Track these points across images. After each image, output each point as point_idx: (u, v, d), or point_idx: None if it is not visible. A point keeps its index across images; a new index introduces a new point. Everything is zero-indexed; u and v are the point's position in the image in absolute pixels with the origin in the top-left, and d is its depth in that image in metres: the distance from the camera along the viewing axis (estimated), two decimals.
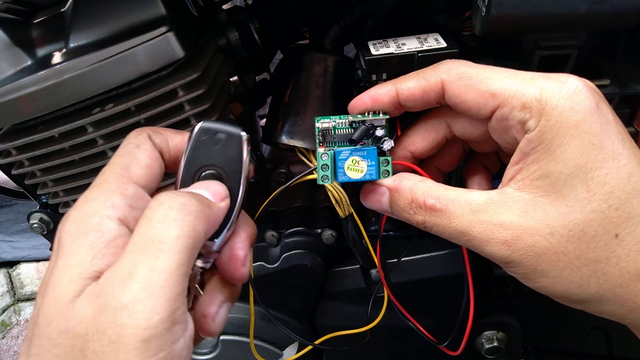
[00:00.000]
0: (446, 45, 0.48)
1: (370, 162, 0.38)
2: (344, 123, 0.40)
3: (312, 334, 0.73)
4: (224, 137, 0.34)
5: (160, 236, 0.27)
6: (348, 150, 0.38)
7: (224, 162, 0.34)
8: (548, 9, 0.40)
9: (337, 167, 0.38)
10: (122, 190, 0.31)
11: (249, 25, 0.59)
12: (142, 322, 0.25)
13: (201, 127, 0.34)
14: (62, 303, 0.27)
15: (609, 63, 0.48)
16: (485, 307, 0.74)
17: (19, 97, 0.45)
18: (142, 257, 0.26)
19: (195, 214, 0.29)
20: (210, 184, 0.34)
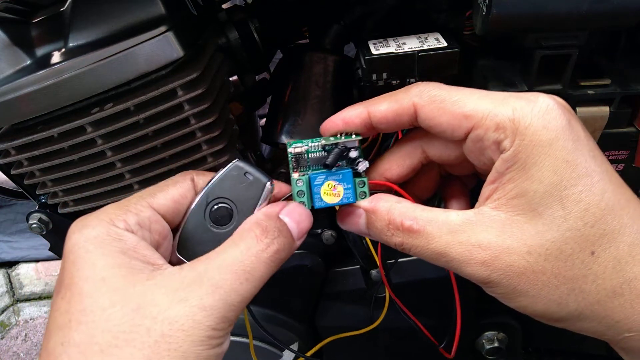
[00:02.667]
0: (446, 44, 0.48)
1: (347, 186, 0.38)
2: (316, 146, 0.39)
3: (312, 334, 0.73)
4: (250, 179, 0.36)
5: (252, 269, 0.31)
6: (323, 174, 0.38)
7: (238, 201, 0.36)
8: (549, 8, 0.40)
9: (313, 193, 0.38)
10: (137, 210, 0.32)
11: (248, 24, 0.59)
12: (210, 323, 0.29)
13: (236, 164, 0.36)
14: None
15: (609, 63, 0.48)
16: (485, 308, 0.74)
17: (18, 96, 0.45)
18: (230, 276, 0.30)
19: (279, 261, 0.33)
20: (301, 211, 0.36)
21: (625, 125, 0.49)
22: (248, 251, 0.31)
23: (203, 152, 0.52)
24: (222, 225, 0.35)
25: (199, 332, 0.28)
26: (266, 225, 0.33)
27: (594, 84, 0.46)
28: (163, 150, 0.51)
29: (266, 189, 0.36)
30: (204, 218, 0.35)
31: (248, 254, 0.31)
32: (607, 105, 0.47)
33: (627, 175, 0.52)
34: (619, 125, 0.49)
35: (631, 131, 0.49)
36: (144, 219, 0.32)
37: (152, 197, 0.34)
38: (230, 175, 0.36)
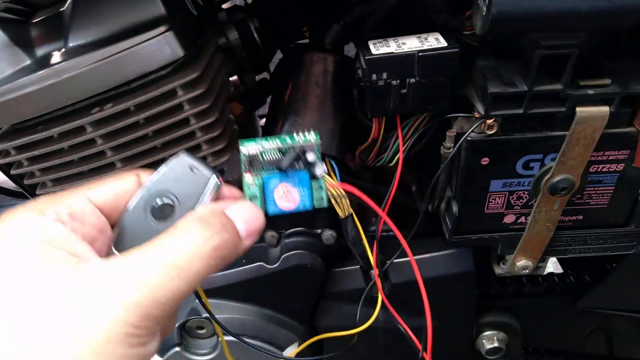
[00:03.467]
0: (446, 44, 0.48)
1: (303, 191, 0.36)
2: (272, 148, 0.36)
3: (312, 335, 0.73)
4: (196, 173, 0.34)
5: (185, 264, 0.28)
6: (277, 178, 0.35)
7: (182, 195, 0.33)
8: (548, 8, 0.39)
9: (267, 198, 0.35)
10: (70, 202, 0.31)
11: (248, 24, 0.59)
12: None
13: (181, 157, 0.34)
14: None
15: (609, 63, 0.48)
16: (485, 307, 0.74)
17: (18, 96, 0.45)
18: (159, 270, 0.27)
19: (220, 259, 0.30)
20: (251, 210, 0.33)
21: (625, 125, 0.49)
22: (183, 244, 0.29)
23: (203, 152, 0.52)
24: (164, 220, 0.33)
25: (117, 329, 0.25)
26: (208, 219, 0.31)
27: (594, 84, 0.46)
28: (163, 150, 0.51)
29: (211, 184, 0.34)
30: (144, 213, 0.33)
31: (183, 247, 0.29)
32: (607, 105, 0.46)
33: (627, 175, 0.52)
34: (619, 125, 0.49)
35: (631, 131, 0.49)
36: (77, 210, 0.31)
37: (89, 189, 0.32)
38: (174, 168, 0.34)
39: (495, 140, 0.50)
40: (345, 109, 0.60)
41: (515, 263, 0.60)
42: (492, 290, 0.75)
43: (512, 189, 0.54)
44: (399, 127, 0.55)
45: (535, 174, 0.52)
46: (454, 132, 0.51)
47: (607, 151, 0.50)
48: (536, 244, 0.57)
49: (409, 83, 0.49)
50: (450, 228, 0.58)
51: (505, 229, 0.58)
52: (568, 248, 0.59)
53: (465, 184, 0.53)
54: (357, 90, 0.55)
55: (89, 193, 0.32)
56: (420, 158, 0.61)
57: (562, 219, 0.56)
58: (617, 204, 0.55)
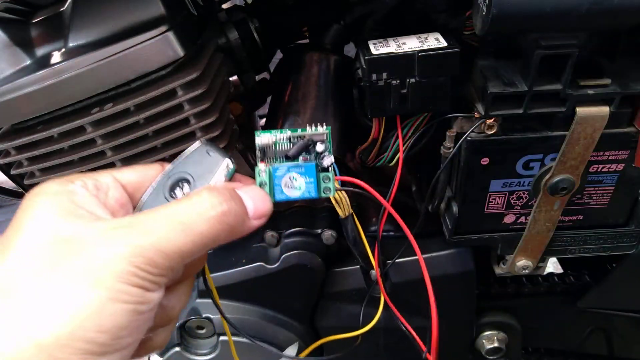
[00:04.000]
0: (446, 44, 0.48)
1: (309, 179, 0.37)
2: (284, 138, 0.38)
3: (312, 335, 0.73)
4: (212, 156, 0.36)
5: (191, 223, 0.30)
6: (285, 166, 0.37)
7: (197, 176, 0.36)
8: (548, 8, 0.39)
9: (274, 185, 0.37)
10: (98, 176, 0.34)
11: (248, 24, 0.59)
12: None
13: (200, 143, 0.37)
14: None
15: (609, 63, 0.48)
16: (485, 307, 0.74)
17: (18, 96, 0.45)
18: (164, 224, 0.30)
19: (226, 226, 0.31)
20: (259, 193, 0.35)
21: (625, 125, 0.49)
22: (191, 206, 0.31)
23: None
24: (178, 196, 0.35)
25: (121, 265, 0.28)
26: (217, 189, 0.33)
27: (594, 84, 0.46)
28: (163, 150, 0.51)
29: (224, 165, 0.36)
30: (162, 192, 0.35)
31: (190, 208, 0.31)
32: (607, 105, 0.47)
33: (627, 175, 0.52)
34: (619, 125, 0.49)
35: (631, 131, 0.49)
36: (103, 183, 0.34)
37: (117, 170, 0.36)
38: (193, 153, 0.36)
39: (495, 140, 0.50)
40: (345, 109, 0.60)
41: (515, 263, 0.60)
42: (492, 290, 0.75)
43: (512, 189, 0.54)
44: (399, 127, 0.55)
45: (535, 174, 0.52)
46: (454, 132, 0.51)
47: (607, 151, 0.50)
48: (536, 244, 0.57)
49: (409, 83, 0.49)
50: (450, 228, 0.58)
51: (505, 229, 0.58)
52: (568, 248, 0.59)
53: (465, 184, 0.53)
54: (357, 90, 0.55)
55: (116, 173, 0.35)
56: (420, 158, 0.61)
57: (562, 219, 0.56)
58: (617, 204, 0.55)
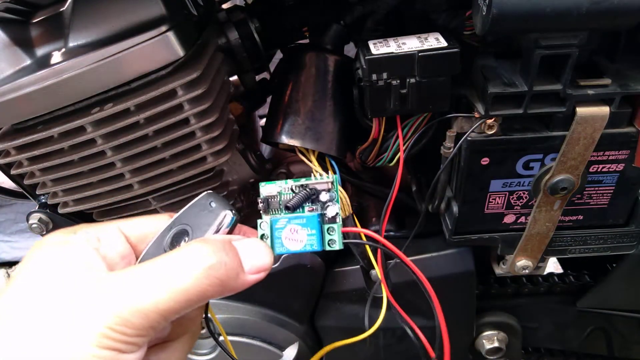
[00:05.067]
0: (447, 44, 0.48)
1: (311, 231, 0.34)
2: (287, 188, 0.36)
3: (312, 335, 0.73)
4: (213, 207, 0.35)
5: (174, 278, 0.29)
6: (285, 218, 0.35)
7: (196, 227, 0.35)
8: (548, 8, 0.40)
9: (274, 238, 0.35)
10: (102, 227, 0.34)
11: (248, 24, 0.59)
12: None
13: (204, 194, 0.36)
14: None
15: (609, 63, 0.48)
16: (485, 307, 0.74)
17: (18, 96, 0.45)
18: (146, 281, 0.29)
19: (215, 281, 0.30)
20: (258, 245, 0.34)
21: (625, 125, 0.49)
22: (176, 260, 0.30)
23: (203, 152, 0.52)
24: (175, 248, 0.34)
25: (93, 327, 0.27)
26: (209, 241, 0.31)
27: (594, 84, 0.46)
28: (163, 150, 0.51)
29: (224, 218, 0.35)
30: (162, 243, 0.35)
31: (175, 262, 0.30)
32: (607, 105, 0.47)
33: (627, 175, 0.52)
34: (619, 125, 0.49)
35: (631, 131, 0.49)
36: (106, 235, 0.33)
37: (123, 222, 0.35)
38: (196, 205, 0.36)
39: (495, 140, 0.50)
40: (345, 109, 0.60)
41: (515, 263, 0.60)
42: (492, 290, 0.75)
43: (512, 189, 0.54)
44: (399, 127, 0.55)
45: (535, 174, 0.52)
46: (454, 132, 0.51)
47: (607, 151, 0.50)
48: (536, 244, 0.57)
49: (409, 83, 0.49)
50: (450, 228, 0.58)
51: (505, 229, 0.58)
52: (568, 248, 0.59)
53: (465, 184, 0.53)
54: (357, 90, 0.55)
55: (121, 224, 0.35)
56: (421, 158, 0.61)
57: (562, 219, 0.56)
58: (617, 204, 0.55)
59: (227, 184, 0.62)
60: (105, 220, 0.59)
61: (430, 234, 0.65)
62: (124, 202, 0.56)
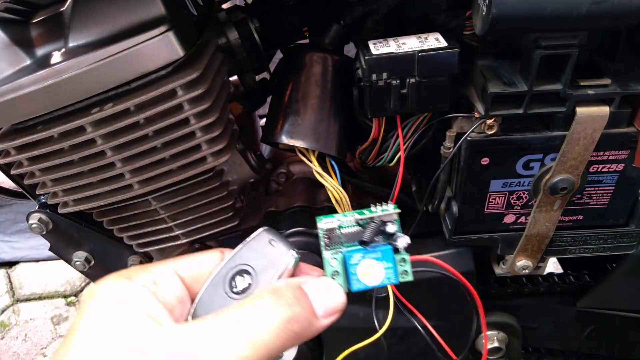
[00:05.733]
0: (447, 44, 0.48)
1: (387, 264, 0.34)
2: (349, 221, 0.35)
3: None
4: (275, 248, 0.34)
5: (252, 335, 0.28)
6: (360, 252, 0.34)
7: (260, 270, 0.33)
8: (548, 8, 0.40)
9: (349, 274, 0.34)
10: (157, 270, 0.33)
11: (248, 24, 0.59)
12: None
13: (262, 232, 0.35)
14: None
15: (609, 63, 0.48)
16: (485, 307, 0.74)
17: (18, 96, 0.45)
18: (226, 341, 0.28)
19: (292, 333, 0.29)
20: (329, 286, 0.33)
21: (625, 125, 0.49)
22: (252, 315, 0.29)
23: (203, 152, 0.52)
24: (241, 293, 0.33)
25: None
26: (281, 292, 0.30)
27: (594, 84, 0.46)
28: (163, 150, 0.51)
29: (288, 258, 0.34)
30: (221, 285, 0.33)
31: (252, 318, 0.29)
32: (607, 105, 0.47)
33: (627, 175, 0.52)
34: (619, 125, 0.49)
35: (631, 131, 0.49)
36: (161, 279, 0.32)
37: (176, 262, 0.34)
38: (255, 243, 0.34)
39: (495, 140, 0.50)
40: (345, 109, 0.60)
41: (515, 263, 0.60)
42: (492, 290, 0.75)
43: (512, 189, 0.54)
44: (399, 127, 0.55)
45: (535, 174, 0.52)
46: (454, 132, 0.51)
47: (607, 151, 0.50)
48: (536, 244, 0.57)
49: (409, 83, 0.49)
50: (450, 228, 0.58)
51: (505, 229, 0.58)
52: (568, 248, 0.59)
53: (465, 184, 0.53)
54: (357, 90, 0.55)
55: (175, 265, 0.34)
56: (421, 158, 0.61)
57: (562, 219, 0.56)
58: (617, 204, 0.55)
59: (227, 184, 0.62)
60: (106, 218, 0.59)
61: (430, 234, 0.65)
62: (124, 202, 0.56)
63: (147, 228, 0.60)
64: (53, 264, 1.88)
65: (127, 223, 0.59)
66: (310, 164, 0.60)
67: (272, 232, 0.35)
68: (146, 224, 0.60)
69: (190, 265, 0.34)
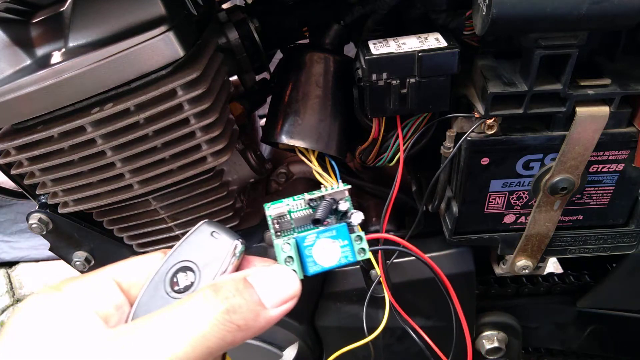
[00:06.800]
0: (447, 44, 0.48)
1: (343, 242, 0.32)
2: (299, 204, 0.34)
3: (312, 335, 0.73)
4: (217, 240, 0.32)
5: (189, 328, 0.27)
6: (313, 233, 0.32)
7: (203, 265, 0.32)
8: (548, 9, 0.39)
9: (304, 257, 0.32)
10: (91, 279, 0.32)
11: (248, 24, 0.59)
12: None
13: (203, 224, 0.33)
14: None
15: (609, 63, 0.48)
16: (485, 307, 0.74)
17: (18, 96, 0.45)
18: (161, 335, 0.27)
19: (235, 328, 0.28)
20: (279, 274, 0.31)
21: (625, 125, 0.49)
22: (190, 310, 0.28)
23: (203, 152, 0.52)
24: (183, 292, 0.31)
25: None
26: (221, 285, 0.29)
27: (594, 84, 0.46)
28: (163, 150, 0.51)
29: (231, 248, 0.32)
30: (163, 285, 0.32)
31: (189, 313, 0.28)
32: (607, 105, 0.47)
33: (627, 175, 0.52)
34: (619, 125, 0.49)
35: (631, 131, 0.49)
36: (94, 286, 0.31)
37: (113, 267, 0.33)
38: (195, 237, 0.32)
39: (495, 140, 0.50)
40: (345, 109, 0.60)
41: (515, 263, 0.60)
42: (492, 290, 0.75)
43: (512, 189, 0.54)
44: (399, 127, 0.55)
45: (535, 174, 0.52)
46: (454, 132, 0.51)
47: (607, 151, 0.50)
48: (536, 244, 0.57)
49: (409, 83, 0.49)
50: (450, 228, 0.58)
51: (505, 229, 0.58)
52: (568, 248, 0.59)
53: (465, 184, 0.53)
54: (357, 90, 0.55)
55: (112, 270, 0.33)
56: (421, 158, 0.61)
57: (562, 219, 0.56)
58: (617, 204, 0.55)
59: (227, 184, 0.62)
60: (106, 218, 0.59)
61: (430, 233, 0.65)
62: (124, 202, 0.56)
63: (147, 228, 0.60)
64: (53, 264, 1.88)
65: (127, 223, 0.59)
66: (310, 164, 0.60)
67: (213, 224, 0.33)
68: (146, 224, 0.60)
69: (129, 270, 0.33)
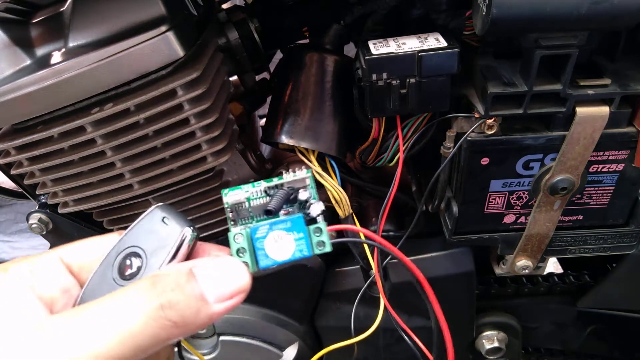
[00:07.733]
0: (447, 44, 0.48)
1: (298, 235, 0.30)
2: (258, 192, 0.32)
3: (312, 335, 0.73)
4: (167, 226, 0.31)
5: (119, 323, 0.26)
6: (266, 224, 0.31)
7: (150, 251, 0.30)
8: (548, 9, 0.40)
9: (256, 249, 0.31)
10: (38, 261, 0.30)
11: (248, 24, 0.59)
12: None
13: (153, 210, 0.31)
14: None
15: (609, 63, 0.48)
16: (485, 307, 0.74)
17: (18, 96, 0.45)
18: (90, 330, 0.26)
19: (171, 324, 0.26)
20: (226, 266, 0.29)
21: (625, 125, 0.49)
22: (123, 303, 0.26)
23: (203, 152, 0.52)
24: (129, 279, 0.30)
25: None
26: (160, 277, 0.27)
27: (594, 84, 0.46)
28: (163, 150, 0.51)
29: (180, 236, 0.30)
30: (111, 271, 0.30)
31: (122, 306, 0.26)
32: (607, 105, 0.47)
33: (627, 175, 0.52)
34: (619, 125, 0.49)
35: (631, 131, 0.49)
36: (41, 268, 0.30)
37: (64, 248, 0.31)
38: (146, 222, 0.31)
39: (495, 140, 0.50)
40: (345, 109, 0.60)
41: (515, 263, 0.60)
42: (492, 290, 0.75)
43: (512, 189, 0.54)
44: (399, 127, 0.55)
45: (535, 174, 0.52)
46: (454, 132, 0.51)
47: (607, 151, 0.50)
48: (536, 244, 0.57)
49: (409, 83, 0.49)
50: (450, 228, 0.58)
51: (505, 229, 0.58)
52: (568, 248, 0.59)
53: (465, 184, 0.53)
54: (357, 90, 0.55)
55: (62, 251, 0.31)
56: (421, 158, 0.61)
57: (562, 219, 0.56)
58: (617, 204, 0.55)
59: (227, 184, 0.62)
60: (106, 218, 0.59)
61: (430, 233, 0.65)
62: (124, 202, 0.56)
63: None
64: None
65: (127, 223, 0.59)
66: (310, 164, 0.60)
67: (166, 209, 0.31)
68: None
69: (81, 250, 0.31)
